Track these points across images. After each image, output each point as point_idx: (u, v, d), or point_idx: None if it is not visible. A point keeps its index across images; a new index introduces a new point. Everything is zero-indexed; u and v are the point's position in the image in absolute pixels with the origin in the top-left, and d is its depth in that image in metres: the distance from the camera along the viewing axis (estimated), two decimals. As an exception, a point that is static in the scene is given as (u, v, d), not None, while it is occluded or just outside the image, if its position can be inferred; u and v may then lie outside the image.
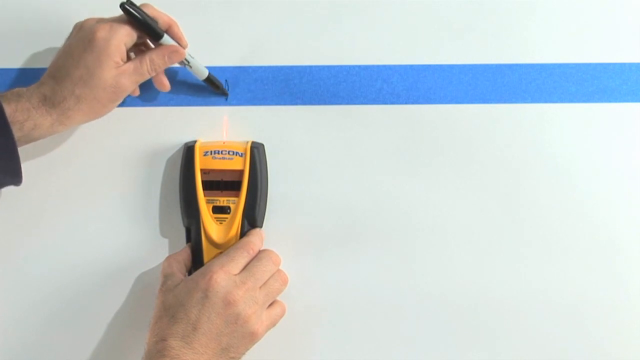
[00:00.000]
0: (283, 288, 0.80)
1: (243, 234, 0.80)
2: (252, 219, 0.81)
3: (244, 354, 0.76)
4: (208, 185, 0.80)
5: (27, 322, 0.84)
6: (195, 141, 0.82)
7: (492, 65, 0.84)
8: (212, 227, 0.80)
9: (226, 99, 0.84)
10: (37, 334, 0.84)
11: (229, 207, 0.80)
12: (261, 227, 0.82)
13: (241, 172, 0.80)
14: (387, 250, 0.84)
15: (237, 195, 0.80)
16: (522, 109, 0.84)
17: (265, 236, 0.82)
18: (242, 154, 0.80)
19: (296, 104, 0.84)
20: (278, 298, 0.81)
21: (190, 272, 0.80)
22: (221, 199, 0.80)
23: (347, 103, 0.84)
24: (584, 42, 0.84)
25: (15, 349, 0.84)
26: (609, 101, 0.84)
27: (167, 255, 0.83)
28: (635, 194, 0.84)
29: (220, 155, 0.80)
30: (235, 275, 0.76)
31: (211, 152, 0.80)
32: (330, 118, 0.84)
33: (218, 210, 0.80)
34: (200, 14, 0.84)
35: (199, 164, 0.80)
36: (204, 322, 0.73)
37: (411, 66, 0.84)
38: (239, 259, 0.78)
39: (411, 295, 0.84)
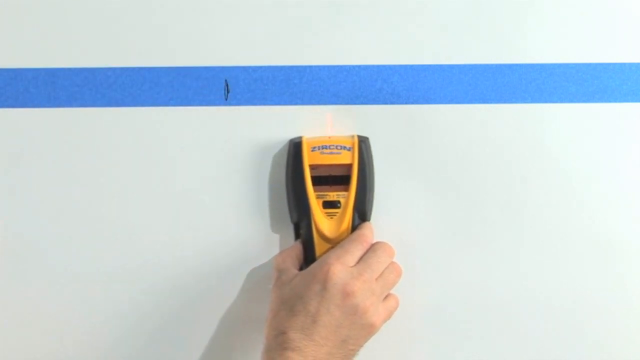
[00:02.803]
0: (398, 280, 0.80)
1: (354, 227, 0.80)
2: (363, 212, 0.81)
3: (362, 346, 0.76)
4: (317, 181, 0.80)
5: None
6: (300, 137, 0.82)
7: (492, 65, 0.84)
8: (324, 222, 0.80)
9: (226, 99, 0.84)
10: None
11: (338, 202, 0.80)
12: (369, 220, 0.82)
13: (349, 166, 0.80)
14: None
15: (347, 190, 0.80)
16: (522, 109, 0.84)
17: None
18: (349, 148, 0.80)
19: (296, 104, 0.84)
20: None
21: (301, 268, 0.80)
22: (331, 193, 0.80)
23: (347, 103, 0.84)
24: (584, 42, 0.83)
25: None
26: (609, 101, 0.84)
27: (278, 251, 0.83)
28: (635, 194, 0.84)
29: (329, 150, 0.80)
30: (352, 267, 0.77)
31: (319, 147, 0.80)
32: (330, 118, 0.84)
33: (328, 205, 0.80)
34: (200, 14, 0.84)
35: (307, 159, 0.80)
36: (323, 314, 0.73)
37: (411, 66, 0.84)
38: (354, 251, 0.78)
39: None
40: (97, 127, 0.84)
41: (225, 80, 0.84)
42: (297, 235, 0.83)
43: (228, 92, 0.84)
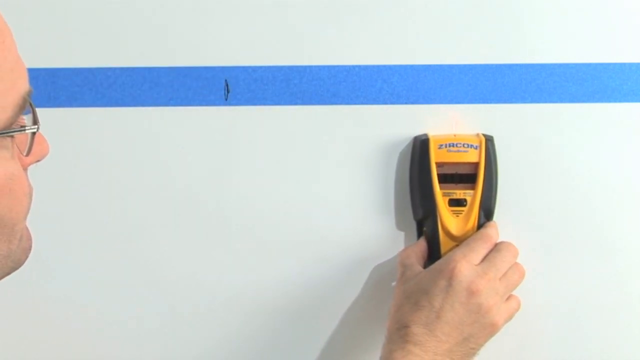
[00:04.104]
0: (520, 281, 0.80)
1: (479, 226, 0.81)
2: (488, 211, 0.81)
3: (482, 345, 0.77)
4: (443, 178, 0.80)
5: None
6: (425, 135, 0.82)
7: (492, 65, 0.83)
8: (450, 220, 0.80)
9: (226, 99, 0.84)
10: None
11: (465, 200, 0.81)
12: (493, 219, 0.82)
13: (476, 164, 0.80)
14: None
15: (473, 188, 0.80)
16: (522, 109, 0.84)
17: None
18: (476, 146, 0.80)
19: (296, 104, 0.84)
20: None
21: (425, 265, 0.81)
22: (457, 191, 0.81)
23: (347, 103, 0.84)
24: (584, 42, 0.83)
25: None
26: (609, 101, 0.84)
27: (402, 248, 0.84)
28: (636, 194, 0.84)
29: (455, 148, 0.80)
30: (477, 265, 0.77)
31: (446, 145, 0.80)
32: (330, 118, 0.84)
33: (454, 203, 0.81)
34: (200, 14, 0.84)
35: (434, 157, 0.80)
36: (447, 311, 0.74)
37: (411, 66, 0.84)
38: (480, 250, 0.78)
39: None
40: (97, 127, 0.84)
41: (225, 80, 0.84)
42: (420, 233, 0.83)
43: (228, 92, 0.84)
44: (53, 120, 0.84)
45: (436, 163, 0.80)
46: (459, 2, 0.83)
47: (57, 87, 0.84)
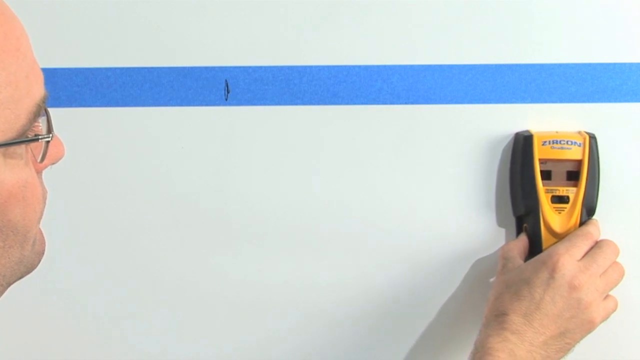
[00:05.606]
0: (620, 280, 0.81)
1: (582, 223, 0.81)
2: (590, 208, 0.82)
3: (578, 342, 0.77)
4: (545, 175, 0.81)
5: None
6: (527, 131, 0.82)
7: (492, 65, 0.83)
8: (552, 217, 0.81)
9: (226, 99, 0.84)
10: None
11: (567, 197, 0.81)
12: (594, 217, 0.82)
13: (578, 162, 0.81)
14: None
15: (576, 185, 0.81)
16: (522, 109, 0.84)
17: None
18: (580, 143, 0.81)
19: (296, 104, 0.84)
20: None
21: (526, 260, 0.81)
22: (560, 188, 0.81)
23: (347, 103, 0.84)
24: (584, 42, 0.83)
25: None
26: (609, 101, 0.84)
27: (502, 244, 0.84)
28: (636, 194, 0.84)
29: (559, 145, 0.81)
30: (578, 260, 0.78)
31: (550, 141, 0.80)
32: (330, 118, 0.84)
33: (557, 200, 0.81)
34: (200, 14, 0.84)
35: (537, 153, 0.80)
36: (547, 303, 0.75)
37: (411, 66, 0.84)
38: (582, 246, 0.79)
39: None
40: (97, 127, 0.84)
41: (226, 80, 0.84)
42: (520, 229, 0.84)
43: (228, 92, 0.84)
44: (53, 121, 0.84)
45: (540, 160, 0.81)
46: (459, 2, 0.83)
47: (57, 87, 0.84)
